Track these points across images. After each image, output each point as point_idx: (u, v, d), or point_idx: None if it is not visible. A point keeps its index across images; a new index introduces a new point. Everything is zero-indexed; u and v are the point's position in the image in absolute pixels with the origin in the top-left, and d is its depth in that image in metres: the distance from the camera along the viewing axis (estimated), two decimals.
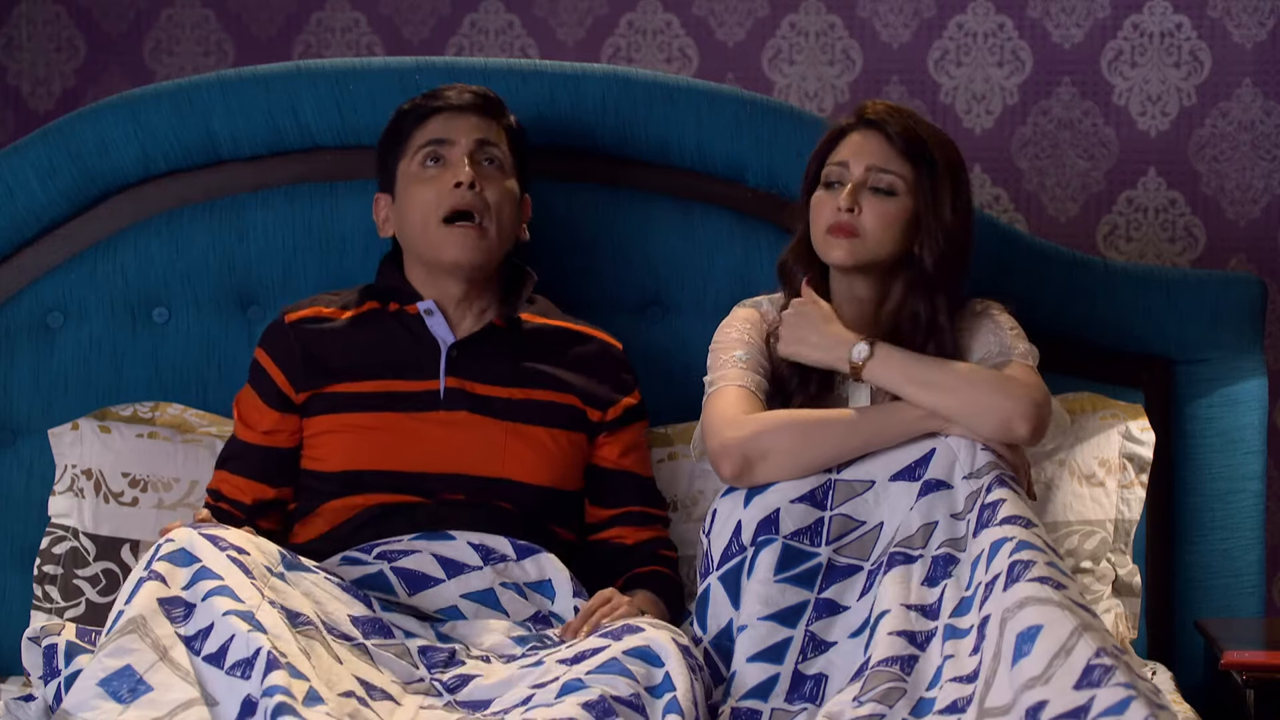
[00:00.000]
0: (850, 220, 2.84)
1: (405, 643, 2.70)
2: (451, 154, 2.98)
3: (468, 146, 2.98)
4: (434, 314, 2.99)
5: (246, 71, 3.30)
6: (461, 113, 3.00)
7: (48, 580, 3.10)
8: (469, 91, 3.03)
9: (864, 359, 2.79)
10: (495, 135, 3.02)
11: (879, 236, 2.85)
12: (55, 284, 3.28)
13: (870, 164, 2.85)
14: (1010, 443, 2.77)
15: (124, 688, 2.40)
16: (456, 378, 2.97)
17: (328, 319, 3.03)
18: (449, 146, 2.98)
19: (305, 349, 2.99)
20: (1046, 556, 2.52)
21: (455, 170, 2.96)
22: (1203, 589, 3.35)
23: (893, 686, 2.56)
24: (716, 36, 3.84)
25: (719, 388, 2.85)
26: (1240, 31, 3.75)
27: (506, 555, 2.87)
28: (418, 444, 2.94)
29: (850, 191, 2.84)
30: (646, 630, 2.61)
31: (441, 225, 2.96)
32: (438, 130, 2.99)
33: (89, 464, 3.14)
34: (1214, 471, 3.35)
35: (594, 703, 2.46)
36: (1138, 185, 3.79)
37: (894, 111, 2.89)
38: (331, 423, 2.96)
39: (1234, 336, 3.36)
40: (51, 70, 3.93)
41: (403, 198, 3.01)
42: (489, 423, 2.96)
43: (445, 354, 2.98)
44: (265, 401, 3.00)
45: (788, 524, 2.73)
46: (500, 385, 2.98)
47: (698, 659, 2.64)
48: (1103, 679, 2.29)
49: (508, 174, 3.01)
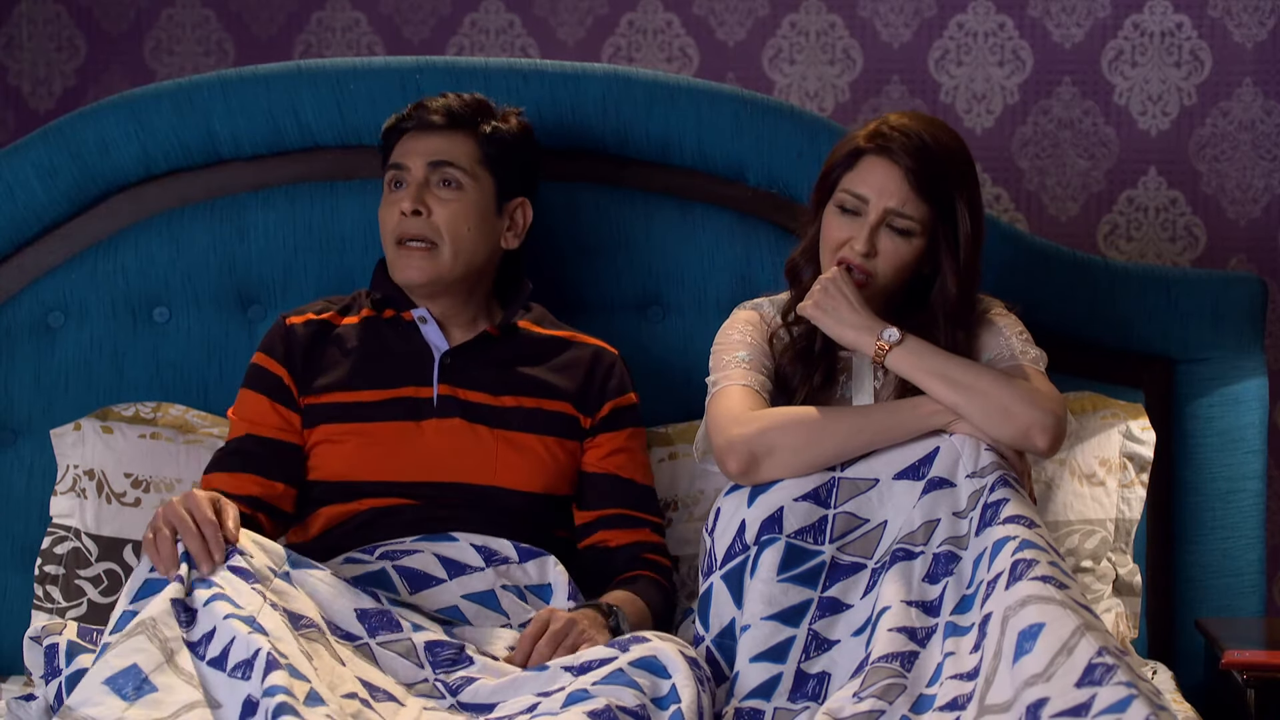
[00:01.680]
0: (864, 264, 2.84)
1: (412, 637, 2.69)
2: (409, 178, 3.00)
3: (420, 171, 2.99)
4: (428, 322, 3.00)
5: (247, 71, 3.30)
6: (424, 133, 3.01)
7: (49, 580, 3.10)
8: (442, 108, 3.02)
9: (894, 343, 2.79)
10: (458, 152, 3.01)
11: (889, 276, 2.86)
12: (56, 283, 3.28)
13: (889, 206, 2.84)
14: (1024, 451, 2.77)
15: (129, 686, 2.41)
16: (449, 385, 2.97)
17: (326, 324, 3.03)
18: (406, 171, 3.00)
19: (306, 354, 3.00)
20: (1049, 556, 2.52)
21: (402, 194, 2.99)
22: (1203, 588, 3.35)
23: (893, 682, 2.56)
24: (717, 36, 3.84)
25: (723, 387, 2.85)
26: (1241, 31, 3.75)
27: (509, 558, 2.87)
28: (411, 452, 2.94)
29: (868, 236, 2.83)
30: (653, 641, 2.60)
31: (395, 246, 3.00)
32: (399, 154, 3.02)
33: (91, 464, 3.14)
34: (1214, 471, 3.35)
35: (600, 712, 2.45)
36: (1138, 185, 3.79)
37: (913, 140, 2.84)
38: (327, 432, 2.96)
39: (1234, 336, 3.36)
40: (52, 70, 3.93)
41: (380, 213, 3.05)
42: (481, 430, 2.96)
43: (438, 362, 2.99)
44: (272, 399, 2.98)
45: (791, 522, 2.73)
46: (492, 393, 2.98)
47: (705, 671, 2.64)
48: (1104, 677, 2.29)
49: (470, 190, 3.01)
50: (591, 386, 3.03)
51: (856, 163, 2.86)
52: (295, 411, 2.98)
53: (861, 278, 2.84)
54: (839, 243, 2.86)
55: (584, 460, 3.02)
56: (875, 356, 2.80)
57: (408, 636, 2.69)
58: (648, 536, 3.01)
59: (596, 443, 3.02)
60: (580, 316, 3.21)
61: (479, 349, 3.01)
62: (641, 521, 3.01)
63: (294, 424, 2.98)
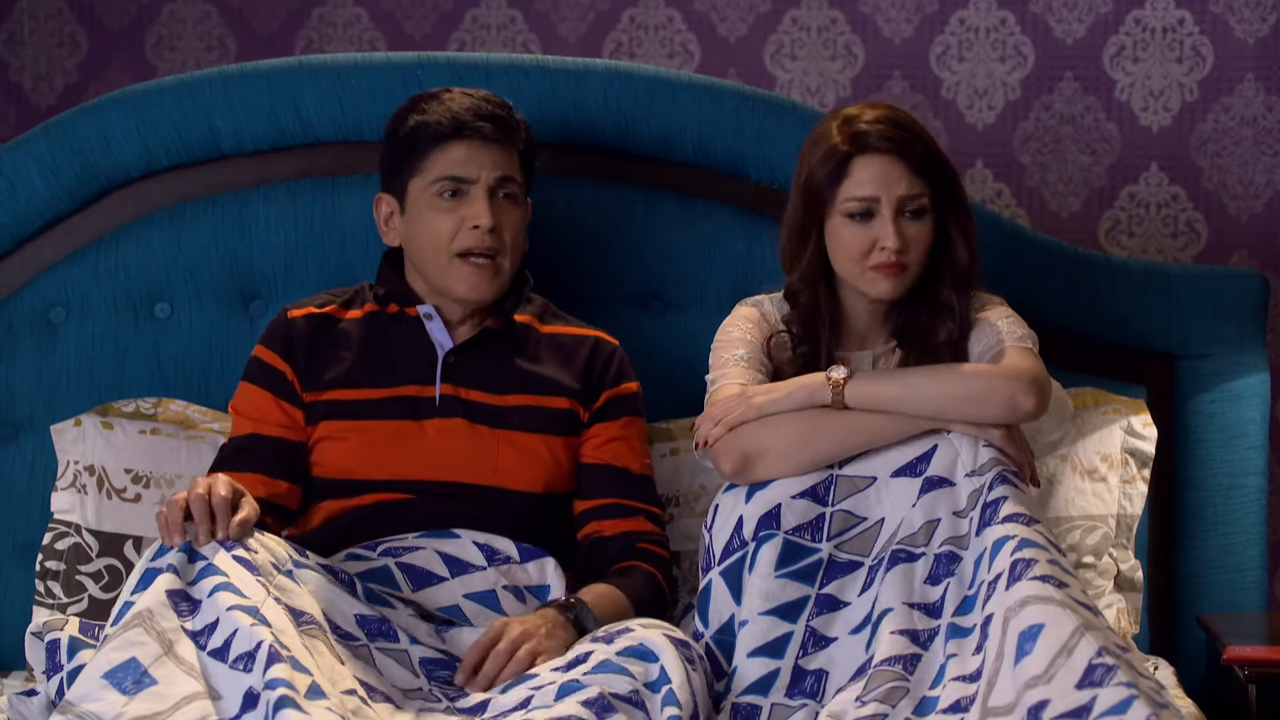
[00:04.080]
0: (900, 259, 2.84)
1: (409, 650, 2.69)
2: (471, 189, 2.94)
3: (488, 183, 2.95)
4: (434, 319, 2.99)
5: (249, 67, 3.30)
6: (485, 145, 2.95)
7: (50, 576, 3.10)
8: (491, 117, 2.97)
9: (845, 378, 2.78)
10: (512, 165, 2.98)
11: (920, 262, 2.87)
12: (57, 279, 3.28)
13: (901, 194, 2.83)
14: (1018, 421, 2.76)
15: (128, 679, 2.41)
16: (451, 384, 2.97)
17: (329, 318, 3.02)
18: (471, 183, 2.94)
19: (309, 349, 2.98)
20: (1048, 554, 2.52)
21: (474, 208, 2.93)
22: (1205, 584, 3.35)
23: (895, 686, 2.56)
24: (718, 32, 3.84)
25: (720, 385, 2.85)
26: (1242, 26, 3.75)
27: (511, 557, 2.87)
28: (413, 451, 2.93)
29: (895, 231, 2.82)
30: (636, 630, 2.61)
31: (454, 259, 2.94)
32: (459, 164, 2.94)
33: (91, 460, 3.14)
34: (1216, 467, 3.35)
35: (594, 700, 2.46)
36: (1140, 180, 3.79)
37: (895, 127, 2.84)
38: (329, 429, 2.95)
39: (1236, 331, 3.36)
40: (54, 65, 3.93)
41: (415, 217, 2.98)
42: (482, 430, 2.95)
43: (442, 361, 2.98)
44: (276, 395, 2.97)
45: (789, 519, 2.73)
46: (494, 392, 2.97)
47: (696, 650, 2.64)
48: (1104, 678, 2.29)
49: (521, 201, 3.00)
50: (590, 379, 3.02)
51: (847, 170, 2.84)
52: (299, 408, 2.98)
53: (899, 269, 2.84)
54: (863, 250, 2.84)
55: (581, 451, 3.01)
56: (833, 401, 2.78)
57: (405, 649, 2.69)
58: (642, 525, 2.98)
59: (592, 433, 3.01)
60: (582, 312, 3.20)
61: (482, 345, 3.00)
62: (635, 510, 2.99)
63: (297, 420, 2.97)
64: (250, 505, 2.66)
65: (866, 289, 2.87)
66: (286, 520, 2.97)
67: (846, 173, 2.84)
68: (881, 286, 2.85)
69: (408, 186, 2.98)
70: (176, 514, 2.59)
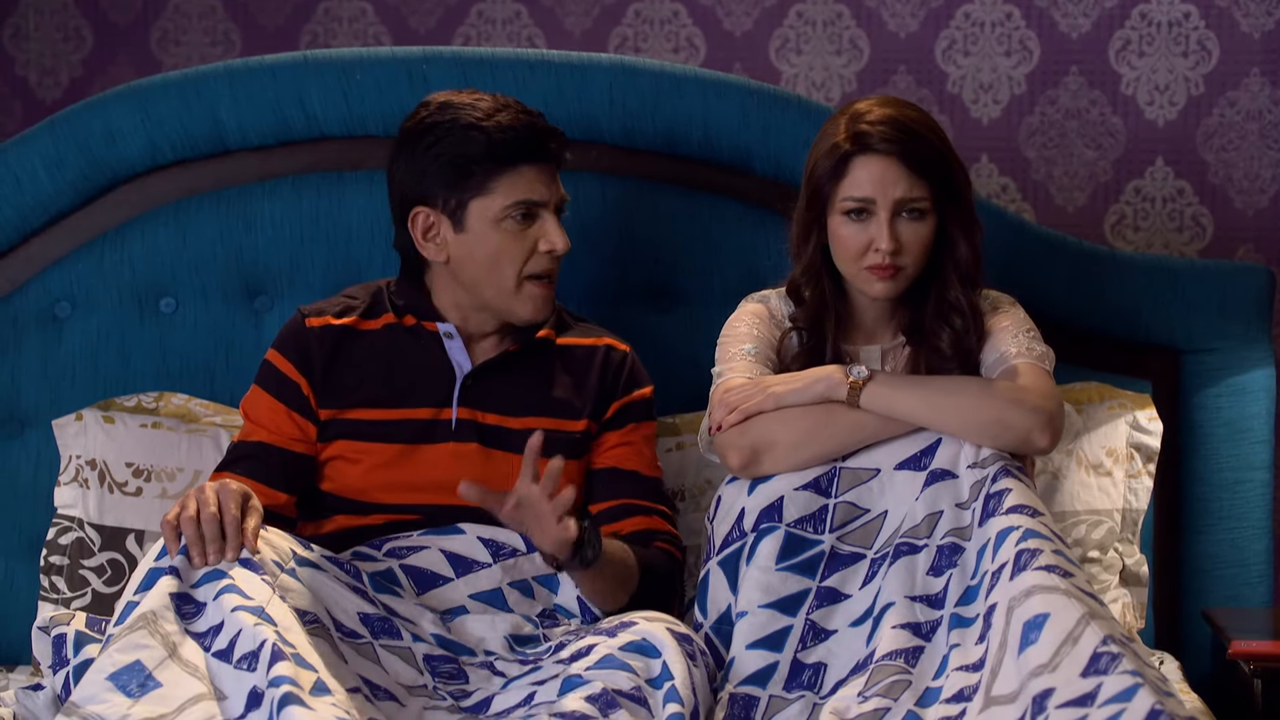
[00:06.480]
0: (894, 261, 2.83)
1: (412, 647, 2.69)
2: (545, 213, 2.90)
3: (556, 205, 2.92)
4: (454, 338, 2.94)
5: (254, 61, 3.30)
6: (548, 165, 2.91)
7: (54, 570, 3.10)
8: (552, 134, 2.92)
9: (864, 379, 2.78)
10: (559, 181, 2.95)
11: (917, 263, 2.85)
12: (63, 274, 3.28)
13: (899, 197, 2.81)
14: (1028, 455, 2.77)
15: (133, 682, 2.41)
16: (469, 408, 2.92)
17: (348, 331, 2.95)
18: (543, 207, 2.90)
19: (327, 364, 2.93)
20: (1053, 545, 2.52)
21: (545, 231, 2.89)
22: (1210, 578, 3.35)
23: (897, 679, 2.56)
24: (724, 26, 3.84)
25: (726, 379, 2.85)
26: (1248, 21, 3.75)
27: (517, 549, 2.86)
28: (427, 475, 2.89)
29: (889, 233, 2.81)
30: (640, 624, 2.61)
31: (525, 281, 2.90)
32: (532, 188, 2.88)
33: (93, 454, 3.14)
34: (1221, 461, 3.35)
35: (596, 695, 2.47)
36: (1145, 175, 3.79)
37: (898, 128, 2.82)
38: (343, 448, 2.91)
39: (1241, 326, 3.36)
40: (59, 60, 3.93)
41: (479, 238, 2.89)
42: (498, 455, 2.91)
43: (459, 383, 2.93)
44: (289, 406, 2.92)
45: (791, 511, 2.73)
46: (512, 415, 2.93)
47: (698, 644, 2.64)
48: (1110, 666, 2.29)
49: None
50: (602, 393, 2.98)
51: (846, 168, 2.83)
52: (313, 423, 2.93)
53: (892, 272, 2.83)
54: (859, 250, 2.83)
55: (592, 458, 2.99)
56: (848, 399, 2.78)
57: (408, 646, 2.69)
58: (658, 524, 2.96)
59: (601, 441, 2.98)
60: (588, 307, 3.20)
61: (500, 367, 2.95)
62: (650, 510, 2.97)
63: (310, 434, 2.93)
64: (258, 511, 2.65)
65: (863, 288, 2.87)
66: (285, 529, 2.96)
67: (846, 171, 2.83)
68: (876, 287, 2.85)
69: (469, 206, 2.88)
70: (190, 530, 2.58)
